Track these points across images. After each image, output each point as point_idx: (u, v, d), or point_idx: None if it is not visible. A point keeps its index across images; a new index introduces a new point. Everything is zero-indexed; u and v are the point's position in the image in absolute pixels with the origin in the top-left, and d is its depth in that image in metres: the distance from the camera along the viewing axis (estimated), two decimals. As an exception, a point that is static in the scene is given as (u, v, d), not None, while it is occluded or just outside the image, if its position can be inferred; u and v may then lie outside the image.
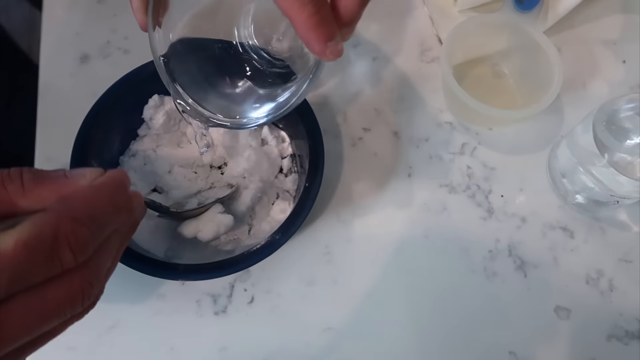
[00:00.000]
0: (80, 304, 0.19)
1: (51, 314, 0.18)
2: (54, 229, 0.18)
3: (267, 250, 0.33)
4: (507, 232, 0.40)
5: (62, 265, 0.18)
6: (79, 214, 0.19)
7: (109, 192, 0.21)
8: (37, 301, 0.18)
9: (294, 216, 0.34)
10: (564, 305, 0.38)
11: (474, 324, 0.38)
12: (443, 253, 0.40)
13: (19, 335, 0.18)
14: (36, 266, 0.18)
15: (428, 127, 0.44)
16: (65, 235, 0.18)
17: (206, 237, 0.36)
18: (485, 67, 0.46)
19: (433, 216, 0.41)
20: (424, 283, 0.39)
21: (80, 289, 0.19)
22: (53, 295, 0.18)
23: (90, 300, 0.20)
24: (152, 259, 0.33)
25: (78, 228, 0.18)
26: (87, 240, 0.19)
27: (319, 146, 0.36)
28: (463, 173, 0.42)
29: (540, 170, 0.43)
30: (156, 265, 0.33)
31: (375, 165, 0.42)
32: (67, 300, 0.19)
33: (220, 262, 0.33)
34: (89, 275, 0.19)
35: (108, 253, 0.21)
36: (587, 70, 0.47)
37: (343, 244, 0.40)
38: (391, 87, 0.46)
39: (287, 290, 0.38)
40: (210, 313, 0.38)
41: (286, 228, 0.33)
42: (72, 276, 0.19)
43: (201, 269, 0.33)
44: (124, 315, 0.37)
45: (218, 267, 0.33)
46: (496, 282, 0.39)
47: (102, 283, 0.21)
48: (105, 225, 0.20)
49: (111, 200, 0.21)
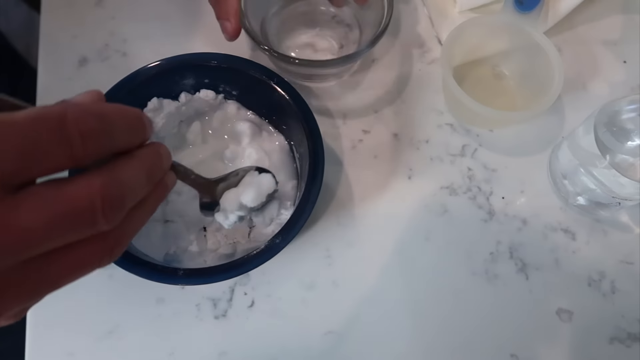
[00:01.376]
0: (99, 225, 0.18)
1: (66, 219, 0.17)
2: (62, 111, 0.18)
3: (267, 254, 0.33)
4: (508, 234, 0.40)
5: (71, 147, 0.17)
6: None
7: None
8: (53, 200, 0.17)
9: (294, 220, 0.33)
10: (566, 308, 0.38)
11: (475, 327, 0.38)
12: (444, 255, 0.40)
13: (33, 229, 0.17)
14: (45, 142, 0.17)
15: (428, 129, 0.44)
16: (73, 117, 0.18)
17: (251, 201, 0.33)
18: (486, 69, 0.46)
19: (434, 218, 0.41)
20: (425, 286, 0.39)
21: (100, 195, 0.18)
22: (69, 207, 0.17)
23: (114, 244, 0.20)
24: (152, 263, 0.32)
25: (86, 116, 0.18)
26: (94, 130, 0.18)
27: (319, 149, 0.35)
28: (464, 175, 0.42)
29: (541, 172, 0.43)
30: (156, 270, 0.32)
31: (376, 167, 0.42)
32: (85, 211, 0.18)
33: (221, 266, 0.33)
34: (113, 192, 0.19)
35: (138, 216, 0.21)
36: (588, 71, 0.47)
37: (343, 246, 0.40)
38: (391, 88, 0.45)
39: (287, 294, 0.38)
40: (210, 317, 0.37)
41: (286, 231, 0.33)
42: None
43: (202, 273, 0.33)
44: (123, 319, 0.37)
45: (219, 271, 0.32)
46: (497, 285, 0.39)
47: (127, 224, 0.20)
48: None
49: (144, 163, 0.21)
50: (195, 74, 0.38)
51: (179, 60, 0.37)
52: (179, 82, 0.38)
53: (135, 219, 0.21)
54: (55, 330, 0.37)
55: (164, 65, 0.37)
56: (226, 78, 0.38)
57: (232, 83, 0.39)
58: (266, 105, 0.39)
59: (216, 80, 0.39)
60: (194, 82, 0.38)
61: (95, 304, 0.37)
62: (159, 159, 0.22)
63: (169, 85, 0.38)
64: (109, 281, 0.38)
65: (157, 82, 0.37)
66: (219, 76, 0.38)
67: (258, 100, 0.40)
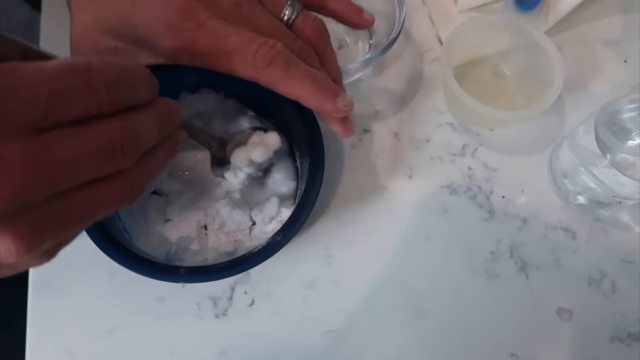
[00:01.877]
0: (121, 159, 0.21)
1: (91, 155, 0.20)
2: (87, 62, 0.19)
3: (268, 251, 0.33)
4: (508, 234, 0.40)
5: (97, 94, 0.19)
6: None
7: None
8: (80, 139, 0.19)
9: (295, 217, 0.33)
10: (566, 307, 0.38)
11: (475, 326, 0.38)
12: (444, 255, 0.40)
13: (64, 163, 0.19)
14: (74, 88, 0.19)
15: (429, 129, 0.44)
16: (98, 68, 0.19)
17: (259, 156, 0.35)
18: (486, 68, 0.46)
19: (434, 218, 0.41)
20: (425, 285, 0.39)
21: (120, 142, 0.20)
22: (94, 145, 0.20)
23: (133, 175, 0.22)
24: (153, 261, 0.33)
25: (110, 68, 0.20)
26: (117, 80, 0.20)
27: (320, 148, 0.35)
28: (464, 174, 0.42)
29: (541, 171, 0.43)
30: (158, 268, 0.32)
31: (376, 166, 0.42)
32: (108, 152, 0.20)
33: (223, 263, 0.33)
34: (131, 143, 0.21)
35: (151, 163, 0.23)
36: (589, 71, 0.47)
37: (344, 246, 0.40)
38: (391, 88, 0.45)
39: (287, 293, 0.38)
40: (210, 316, 0.37)
41: (288, 229, 0.33)
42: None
43: (203, 271, 0.33)
44: (123, 318, 0.37)
45: (220, 269, 0.32)
46: (498, 284, 0.39)
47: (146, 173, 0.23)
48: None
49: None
50: (196, 72, 0.38)
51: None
52: (180, 80, 0.38)
53: (150, 165, 0.23)
54: (55, 329, 0.37)
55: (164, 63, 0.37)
56: (227, 76, 0.38)
57: (232, 82, 0.39)
58: (267, 104, 0.39)
59: (217, 79, 0.39)
60: (194, 80, 0.38)
61: (96, 302, 0.37)
62: (169, 111, 0.25)
63: (169, 83, 0.38)
64: (110, 280, 0.38)
65: (157, 80, 0.37)
66: (220, 74, 0.38)
67: (258, 100, 0.40)
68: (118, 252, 0.32)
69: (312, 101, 0.30)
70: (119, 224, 0.35)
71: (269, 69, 0.28)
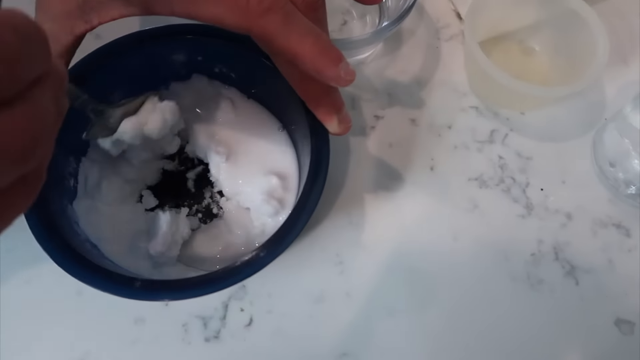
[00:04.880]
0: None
1: None
2: None
3: (247, 270, 0.25)
4: (550, 232, 0.34)
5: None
6: None
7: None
8: None
9: (286, 228, 0.26)
10: (626, 318, 0.32)
11: (518, 342, 0.31)
12: (476, 259, 0.33)
13: None
14: None
15: (450, 113, 0.38)
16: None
17: (154, 129, 0.28)
18: (512, 44, 0.41)
19: (462, 215, 0.35)
20: (455, 295, 0.32)
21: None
22: None
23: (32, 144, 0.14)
24: (106, 269, 0.25)
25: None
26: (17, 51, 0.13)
27: (323, 145, 0.28)
28: (494, 164, 0.36)
29: (583, 159, 0.37)
30: (109, 278, 0.25)
31: (391, 157, 0.36)
32: None
33: (188, 280, 0.25)
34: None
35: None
36: (627, 45, 0.41)
37: (356, 250, 0.33)
38: (405, 68, 0.39)
39: (292, 309, 0.32)
40: (199, 339, 0.31)
41: (274, 244, 0.25)
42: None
43: (162, 286, 0.25)
44: (94, 344, 0.31)
45: (188, 286, 0.25)
46: (543, 292, 0.33)
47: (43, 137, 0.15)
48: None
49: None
50: (187, 48, 0.32)
51: (166, 29, 0.31)
52: (167, 57, 0.32)
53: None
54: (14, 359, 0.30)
55: (149, 33, 0.30)
56: (224, 55, 0.32)
57: (230, 63, 0.33)
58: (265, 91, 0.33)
59: (211, 59, 0.32)
60: (184, 60, 0.32)
61: (60, 326, 0.31)
62: (63, 85, 0.17)
63: (154, 62, 0.32)
64: (77, 298, 0.31)
65: (139, 56, 0.31)
66: (215, 54, 0.32)
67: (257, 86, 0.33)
68: (56, 251, 0.25)
69: (311, 63, 0.24)
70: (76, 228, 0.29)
71: (265, 18, 0.22)
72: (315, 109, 0.28)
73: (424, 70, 0.40)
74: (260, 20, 0.22)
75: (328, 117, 0.28)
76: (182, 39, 0.31)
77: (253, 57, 0.30)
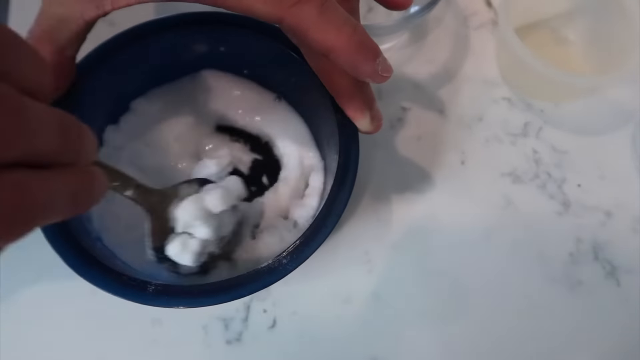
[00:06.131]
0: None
1: None
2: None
3: (266, 279, 0.24)
4: (589, 230, 0.32)
5: None
6: None
7: None
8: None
9: (310, 236, 0.24)
10: (673, 321, 0.30)
11: (556, 347, 0.30)
12: (511, 258, 0.32)
13: None
14: None
15: (481, 104, 0.36)
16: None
17: (218, 204, 0.26)
18: (545, 34, 0.39)
19: (495, 212, 0.33)
20: (490, 297, 0.31)
21: None
22: None
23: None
24: (116, 271, 0.24)
25: None
26: None
27: (353, 139, 0.26)
28: (529, 158, 0.34)
29: (623, 153, 0.35)
30: (120, 282, 0.24)
31: (419, 151, 0.34)
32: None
33: (204, 286, 0.24)
34: None
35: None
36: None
37: (385, 249, 0.32)
38: (432, 57, 0.38)
39: (317, 311, 0.30)
40: (220, 342, 0.29)
41: (296, 254, 0.24)
42: None
43: (176, 291, 0.23)
44: (110, 347, 0.29)
45: (201, 292, 0.23)
46: (582, 293, 0.31)
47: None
48: None
49: None
50: (209, 36, 0.30)
51: (188, 16, 0.29)
52: (189, 46, 0.30)
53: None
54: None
55: (168, 21, 0.29)
56: (245, 45, 0.30)
57: (249, 54, 0.31)
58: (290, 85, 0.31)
59: (233, 48, 0.30)
60: (206, 50, 0.30)
61: (76, 328, 0.29)
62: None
63: (175, 50, 0.30)
64: (92, 298, 0.30)
65: (158, 45, 0.29)
66: (238, 42, 0.30)
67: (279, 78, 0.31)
68: (69, 252, 0.23)
69: (347, 57, 0.22)
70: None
71: (300, 7, 0.21)
72: (345, 105, 0.26)
73: (452, 60, 0.38)
74: (294, 9, 0.21)
75: (359, 114, 0.26)
76: (205, 29, 0.29)
77: (279, 49, 0.28)
